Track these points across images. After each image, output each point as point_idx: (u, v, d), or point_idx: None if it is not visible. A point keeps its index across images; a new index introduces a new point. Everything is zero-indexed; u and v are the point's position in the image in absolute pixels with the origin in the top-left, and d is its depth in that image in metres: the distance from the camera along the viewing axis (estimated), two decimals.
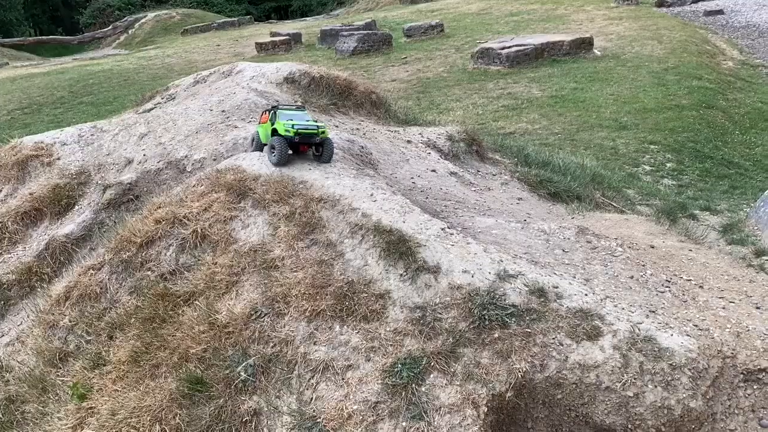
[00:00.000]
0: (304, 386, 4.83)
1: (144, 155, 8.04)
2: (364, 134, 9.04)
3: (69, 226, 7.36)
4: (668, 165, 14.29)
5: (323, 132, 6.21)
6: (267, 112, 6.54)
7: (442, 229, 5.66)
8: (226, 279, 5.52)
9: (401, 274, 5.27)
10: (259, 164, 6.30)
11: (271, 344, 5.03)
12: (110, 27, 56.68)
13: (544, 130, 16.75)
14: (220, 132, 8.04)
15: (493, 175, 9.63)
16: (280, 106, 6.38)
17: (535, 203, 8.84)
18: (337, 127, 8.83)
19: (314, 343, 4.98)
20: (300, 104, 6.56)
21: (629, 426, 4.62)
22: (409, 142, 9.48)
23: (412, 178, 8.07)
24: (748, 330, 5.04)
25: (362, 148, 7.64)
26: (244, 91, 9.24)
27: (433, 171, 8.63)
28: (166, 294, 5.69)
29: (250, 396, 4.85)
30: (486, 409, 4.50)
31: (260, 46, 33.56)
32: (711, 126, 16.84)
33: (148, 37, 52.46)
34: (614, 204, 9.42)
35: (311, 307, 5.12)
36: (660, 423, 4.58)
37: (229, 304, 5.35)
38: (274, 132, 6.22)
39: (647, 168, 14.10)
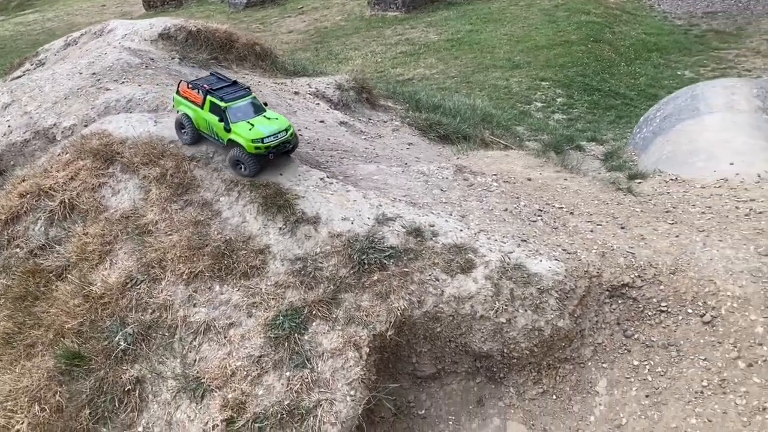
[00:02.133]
0: (186, 349, 4.77)
1: (9, 126, 7.51)
2: None
3: None
4: (559, 100, 14.76)
5: (292, 133, 5.47)
6: (191, 87, 5.46)
7: (321, 179, 5.63)
8: (99, 249, 5.31)
9: (280, 228, 5.23)
10: (126, 126, 6.01)
11: (150, 311, 4.91)
12: None
13: (441, 74, 16.86)
14: (90, 96, 7.60)
15: (385, 122, 9.63)
16: (222, 94, 5.29)
17: (426, 147, 8.93)
18: None
19: (194, 305, 4.90)
20: (236, 81, 5.50)
21: (505, 350, 4.86)
22: (296, 93, 9.30)
23: (299, 129, 7.92)
24: (613, 249, 5.36)
25: None
26: (115, 50, 8.72)
27: (322, 122, 8.53)
28: (36, 270, 5.42)
29: (132, 365, 4.74)
30: (368, 350, 4.59)
31: (148, 4, 31.77)
32: (598, 59, 17.46)
33: (25, 0, 48.43)
34: (502, 141, 9.66)
35: (188, 269, 5.02)
36: (533, 344, 4.84)
37: (103, 275, 5.15)
38: (232, 142, 5.28)
39: (539, 105, 14.52)
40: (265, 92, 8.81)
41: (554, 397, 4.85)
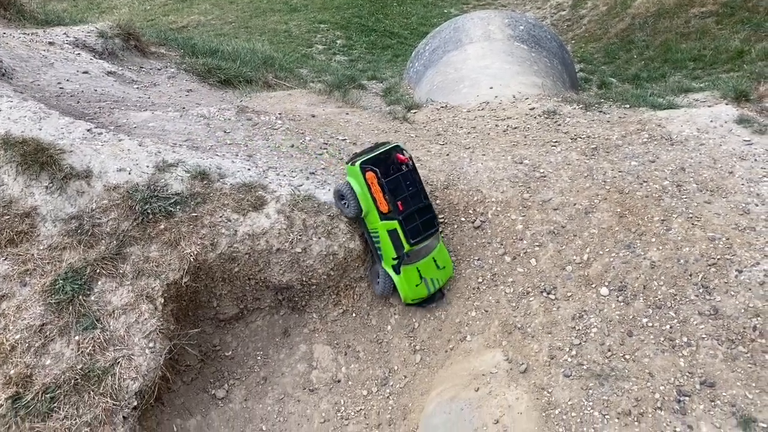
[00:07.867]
0: None
1: None
2: None
3: None
4: (339, 42, 15.02)
5: None
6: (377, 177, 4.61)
7: (88, 131, 5.20)
8: None
9: (47, 186, 4.77)
10: None
11: None
12: None
13: (217, 19, 16.19)
14: None
15: (159, 69, 9.07)
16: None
17: (206, 92, 8.62)
18: None
19: None
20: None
21: (304, 279, 5.02)
22: (51, 44, 8.34)
23: (59, 83, 7.19)
24: None
25: None
26: None
27: (86, 72, 7.80)
28: None
29: None
30: (163, 300, 4.46)
31: None
32: (372, 0, 17.97)
33: None
34: (286, 83, 9.64)
35: None
36: (329, 269, 5.06)
37: None
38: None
39: (320, 47, 14.66)
40: (12, 44, 7.79)
41: (354, 315, 5.16)
